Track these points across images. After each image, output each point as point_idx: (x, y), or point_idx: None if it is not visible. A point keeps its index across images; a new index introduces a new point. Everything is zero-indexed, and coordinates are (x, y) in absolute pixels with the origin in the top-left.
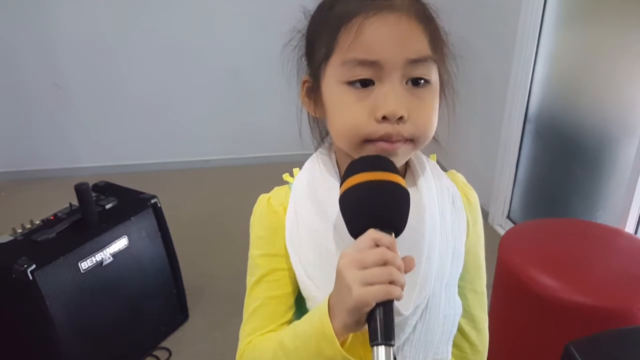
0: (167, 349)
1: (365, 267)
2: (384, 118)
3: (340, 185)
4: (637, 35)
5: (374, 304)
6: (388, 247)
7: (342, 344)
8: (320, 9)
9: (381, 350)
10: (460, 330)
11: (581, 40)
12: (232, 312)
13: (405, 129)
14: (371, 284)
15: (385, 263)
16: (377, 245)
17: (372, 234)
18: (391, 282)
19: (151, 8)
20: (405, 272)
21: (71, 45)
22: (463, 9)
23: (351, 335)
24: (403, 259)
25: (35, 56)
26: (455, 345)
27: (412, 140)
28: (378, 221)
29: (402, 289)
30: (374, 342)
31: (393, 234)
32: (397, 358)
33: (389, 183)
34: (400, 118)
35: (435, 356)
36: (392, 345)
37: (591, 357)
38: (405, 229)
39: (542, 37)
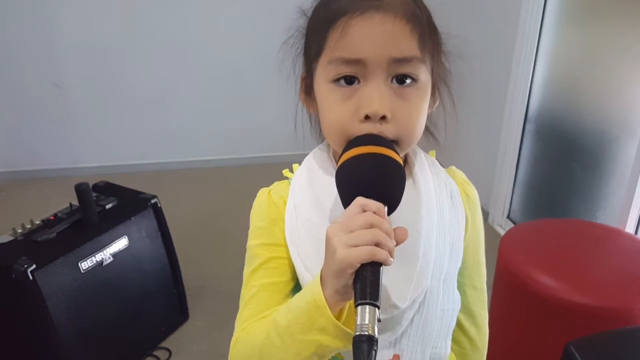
0: (167, 349)
1: (351, 231)
2: (367, 117)
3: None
4: (637, 35)
5: (359, 265)
6: (375, 213)
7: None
8: (317, 7)
9: (365, 309)
10: (459, 325)
11: (581, 40)
12: (232, 312)
13: (388, 129)
14: (355, 245)
15: (371, 226)
16: (364, 211)
17: (359, 200)
18: (377, 245)
19: (151, 8)
20: (398, 243)
21: (71, 45)
22: (463, 9)
23: (345, 314)
24: (395, 229)
25: (36, 56)
26: (454, 340)
27: (395, 142)
28: (366, 189)
29: (391, 254)
30: (357, 301)
31: (386, 208)
32: (394, 351)
33: (380, 155)
34: (383, 118)
35: (434, 350)
36: (377, 307)
37: (591, 357)
38: (402, 224)
39: (542, 37)
